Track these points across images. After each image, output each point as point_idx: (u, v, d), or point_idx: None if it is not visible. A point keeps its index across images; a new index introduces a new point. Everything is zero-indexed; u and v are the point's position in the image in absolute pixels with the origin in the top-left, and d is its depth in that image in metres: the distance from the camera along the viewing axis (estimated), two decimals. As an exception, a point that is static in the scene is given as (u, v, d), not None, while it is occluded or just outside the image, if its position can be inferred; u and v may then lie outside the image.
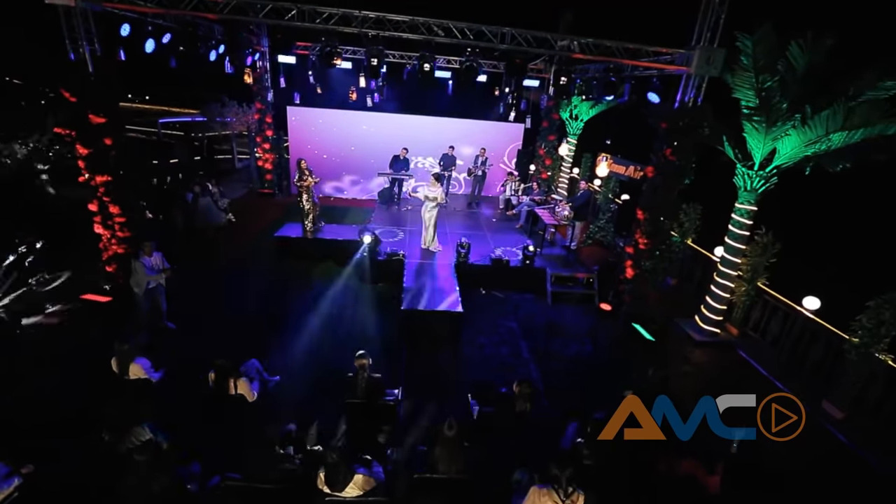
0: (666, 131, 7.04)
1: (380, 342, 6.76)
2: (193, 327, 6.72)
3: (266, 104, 13.25)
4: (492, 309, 8.19)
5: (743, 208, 7.02)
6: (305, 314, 7.36)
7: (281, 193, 14.06)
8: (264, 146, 13.58)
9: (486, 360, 6.66)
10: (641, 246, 7.66)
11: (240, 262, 9.17)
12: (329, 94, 12.70)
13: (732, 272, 7.39)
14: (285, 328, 6.92)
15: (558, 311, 8.42)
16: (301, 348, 6.46)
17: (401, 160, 11.91)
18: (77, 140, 6.33)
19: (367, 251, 8.49)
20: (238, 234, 10.73)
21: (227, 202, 11.37)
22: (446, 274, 8.24)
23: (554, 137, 14.33)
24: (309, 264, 9.14)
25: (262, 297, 7.80)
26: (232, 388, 4.38)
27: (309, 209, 9.39)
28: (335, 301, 7.90)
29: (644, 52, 6.80)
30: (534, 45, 6.50)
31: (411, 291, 7.34)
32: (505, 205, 12.59)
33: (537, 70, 13.41)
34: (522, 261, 8.81)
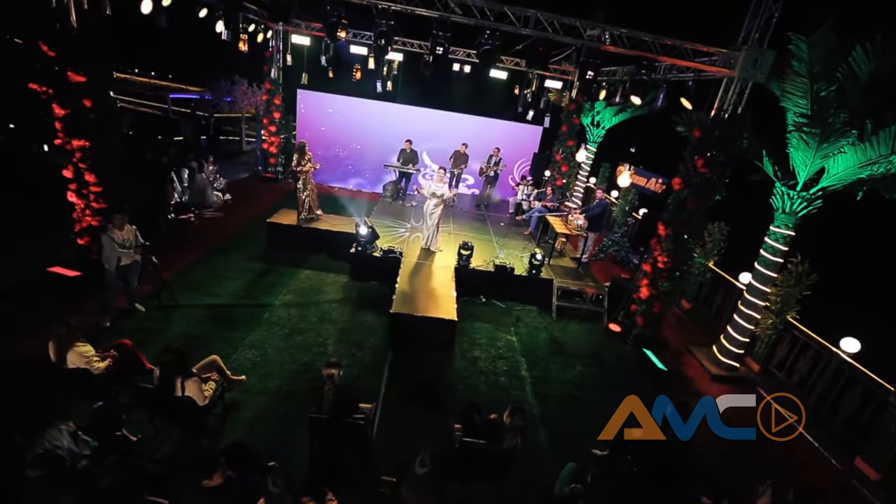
0: (699, 140, 6.35)
1: (365, 347, 6.16)
2: (163, 313, 6.17)
3: (276, 85, 12.76)
4: (491, 319, 7.54)
5: (778, 232, 6.29)
6: (288, 309, 6.77)
7: (284, 179, 13.55)
8: (270, 129, 13.09)
9: (480, 376, 6.01)
10: (660, 264, 6.96)
11: (227, 245, 8.62)
12: (340, 79, 12.15)
13: (759, 302, 6.66)
14: (263, 323, 6.34)
15: (563, 327, 7.75)
16: (277, 346, 5.87)
17: (408, 153, 11.33)
18: (53, 99, 5.82)
19: (362, 245, 7.90)
20: (232, 215, 10.22)
21: (224, 182, 10.90)
22: (445, 277, 7.61)
23: (573, 143, 13.64)
24: (300, 255, 8.57)
25: (244, 286, 7.23)
26: (178, 388, 3.78)
27: (305, 196, 8.84)
28: (322, 297, 7.30)
29: (682, 50, 6.09)
30: (560, 32, 5.84)
31: (404, 293, 6.72)
32: (515, 209, 11.94)
33: (561, 71, 12.78)
34: (528, 270, 8.14)
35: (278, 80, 12.72)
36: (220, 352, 5.32)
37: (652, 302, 7.19)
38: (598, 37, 5.88)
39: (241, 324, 6.22)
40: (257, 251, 8.54)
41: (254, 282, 7.43)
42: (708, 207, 6.59)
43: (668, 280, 6.96)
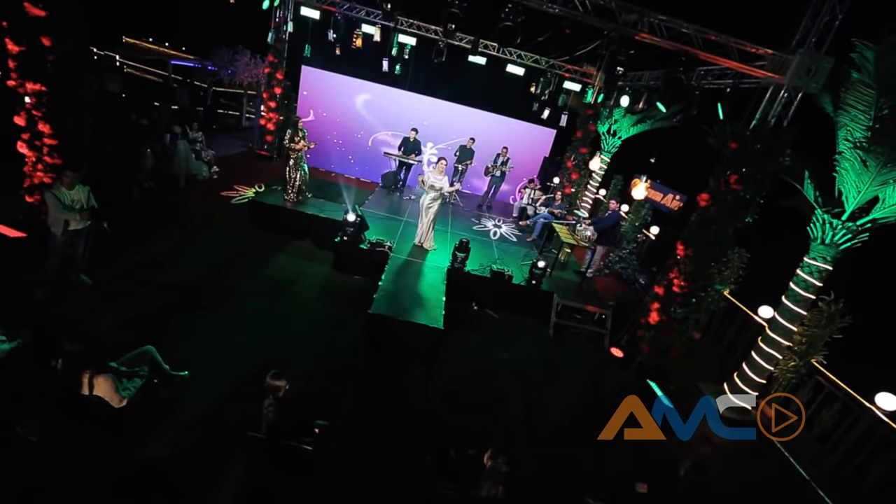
0: (735, 154, 5.64)
1: (336, 349, 5.43)
2: (112, 289, 5.43)
3: (279, 58, 12.03)
4: (482, 330, 6.81)
5: (814, 265, 5.58)
6: (258, 297, 6.03)
7: (280, 158, 12.81)
8: (270, 104, 12.36)
9: (463, 397, 5.28)
10: (676, 288, 6.25)
11: (202, 220, 7.87)
12: (347, 58, 11.44)
13: (783, 340, 5.94)
14: (226, 310, 5.60)
15: (560, 346, 7.03)
16: (237, 339, 5.13)
17: (411, 142, 10.61)
18: (7, 34, 5.09)
19: (348, 235, 7.17)
20: (215, 190, 9.48)
21: (211, 154, 10.18)
22: (435, 278, 6.88)
23: (586, 150, 12.95)
24: (282, 239, 7.83)
25: (213, 267, 6.48)
26: (86, 385, 3.05)
27: (295, 177, 8.11)
28: (299, 287, 6.57)
29: (728, 48, 5.36)
30: (592, 13, 5.12)
31: (387, 292, 5.98)
32: (519, 213, 11.22)
33: (581, 73, 12.09)
34: (528, 280, 7.42)
35: (283, 52, 11.98)
36: (169, 339, 4.63)
37: (662, 329, 6.48)
38: (634, 22, 5.15)
39: (201, 309, 5.48)
40: (236, 230, 7.79)
41: (225, 263, 6.68)
42: (735, 229, 5.88)
43: (683, 306, 6.24)
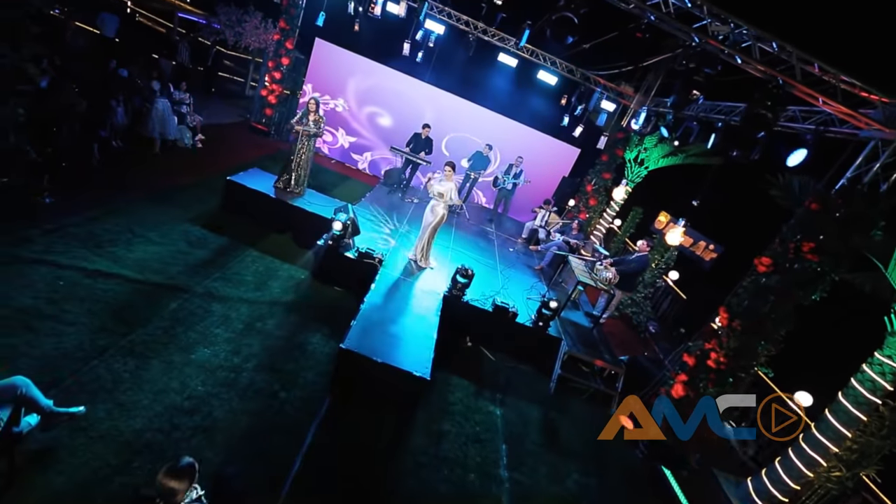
0: (811, 216, 4.62)
1: (294, 384, 4.34)
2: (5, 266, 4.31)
3: (292, 25, 10.87)
4: (474, 375, 5.75)
5: (887, 364, 4.58)
6: (210, 301, 4.92)
7: (278, 136, 11.67)
8: (275, 74, 11.19)
9: (442, 466, 4.22)
10: (712, 363, 5.22)
11: (168, 195, 6.72)
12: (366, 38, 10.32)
13: (830, 444, 4.94)
14: (164, 317, 4.49)
15: (561, 405, 5.99)
16: (166, 360, 4.03)
17: (422, 139, 9.52)
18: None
19: (334, 239, 6.07)
20: (195, 161, 8.33)
21: (199, 120, 9.03)
22: (428, 306, 5.81)
23: (609, 176, 11.94)
24: (258, 230, 6.73)
25: (163, 256, 5.36)
26: None
27: (297, 165, 7.02)
28: (265, 295, 5.45)
29: (832, 85, 4.27)
30: (673, 17, 4.03)
31: (368, 322, 4.89)
32: (529, 235, 10.17)
33: (617, 93, 11.06)
34: (535, 321, 6.38)
35: (296, 19, 10.83)
36: (74, 353, 3.54)
37: (685, 405, 5.45)
38: (726, 36, 4.08)
39: (129, 312, 4.36)
40: (204, 212, 6.66)
41: (180, 253, 5.56)
42: (797, 306, 4.87)
43: (717, 385, 5.22)
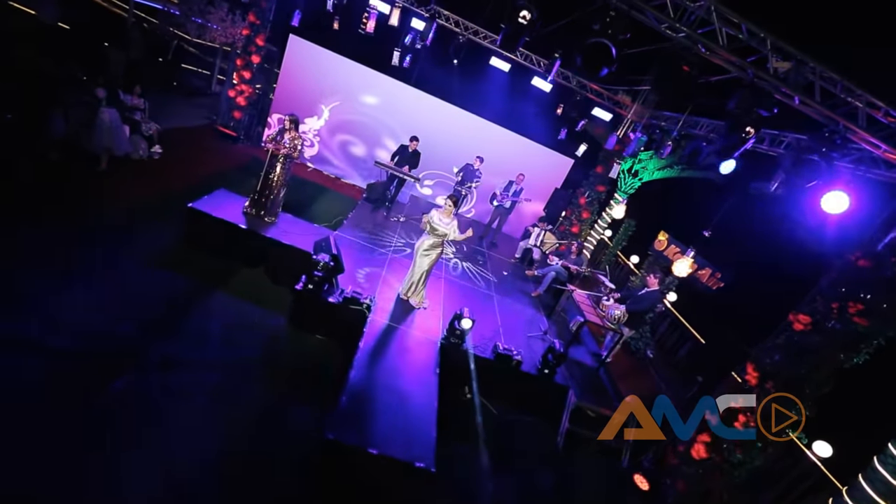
0: (861, 273, 4.14)
1: (270, 475, 3.59)
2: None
3: (263, 20, 9.81)
4: (475, 435, 5.11)
5: (933, 434, 4.19)
6: (163, 378, 4.08)
7: (248, 141, 10.63)
8: (244, 73, 10.12)
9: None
10: (740, 425, 4.75)
11: (116, 224, 5.75)
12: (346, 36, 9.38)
13: (864, 515, 4.56)
14: (96, 416, 3.64)
15: (571, 465, 5.44)
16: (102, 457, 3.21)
17: (409, 153, 8.74)
18: None
19: (314, 281, 5.27)
20: (150, 176, 7.29)
21: (155, 128, 7.97)
22: (426, 362, 5.11)
23: (604, 189, 11.47)
24: (225, 264, 5.86)
25: (100, 311, 4.46)
26: None
27: (270, 189, 6.14)
28: (231, 357, 4.62)
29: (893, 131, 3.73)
30: (726, 48, 3.37)
31: (357, 395, 4.14)
32: (523, 255, 9.58)
33: (614, 101, 10.53)
34: (540, 368, 5.79)
35: (267, 13, 9.77)
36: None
37: (709, 469, 4.99)
38: (785, 74, 3.49)
39: (56, 400, 3.49)
40: (161, 246, 5.73)
41: (129, 304, 4.66)
42: (839, 369, 4.42)
43: (746, 451, 4.75)
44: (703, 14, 3.32)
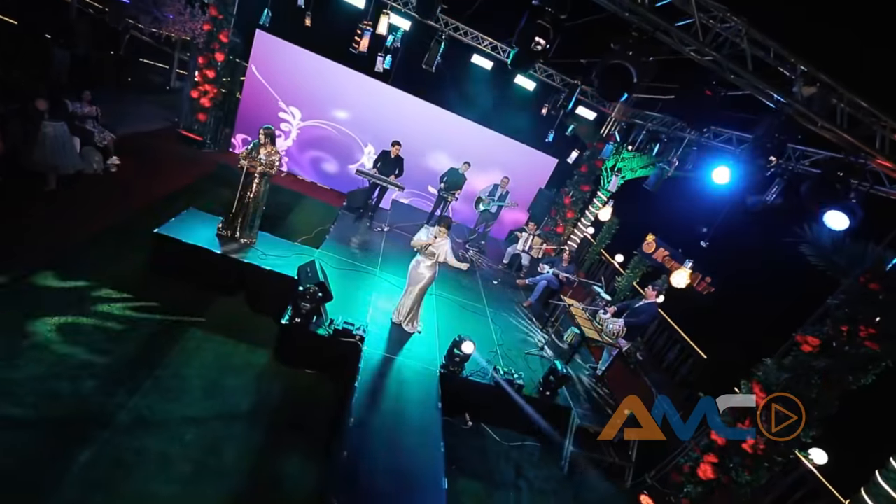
0: (871, 296, 4.08)
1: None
2: None
3: (226, 14, 9.04)
4: (478, 467, 4.87)
5: (936, 451, 4.23)
6: (137, 441, 3.61)
7: (214, 146, 9.90)
8: (207, 73, 9.35)
9: None
10: (748, 447, 4.68)
11: (67, 261, 5.11)
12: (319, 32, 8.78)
13: (867, 529, 4.60)
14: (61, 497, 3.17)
15: (576, 486, 5.30)
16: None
17: (391, 159, 8.30)
18: None
19: (301, 313, 4.85)
20: (108, 196, 6.58)
21: (110, 138, 7.25)
22: (426, 398, 4.80)
23: (588, 189, 11.36)
24: (201, 294, 5.35)
25: (57, 380, 3.92)
26: None
27: (246, 208, 5.61)
28: (213, 409, 4.18)
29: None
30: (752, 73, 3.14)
31: (358, 450, 3.79)
32: (510, 261, 9.34)
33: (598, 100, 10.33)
34: (542, 390, 5.59)
35: (231, 7, 9.01)
36: None
37: (714, 488, 4.93)
38: (809, 99, 3.30)
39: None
40: (124, 278, 5.14)
41: (91, 353, 4.13)
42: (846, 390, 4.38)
43: (754, 472, 4.70)
44: (731, 36, 3.07)
